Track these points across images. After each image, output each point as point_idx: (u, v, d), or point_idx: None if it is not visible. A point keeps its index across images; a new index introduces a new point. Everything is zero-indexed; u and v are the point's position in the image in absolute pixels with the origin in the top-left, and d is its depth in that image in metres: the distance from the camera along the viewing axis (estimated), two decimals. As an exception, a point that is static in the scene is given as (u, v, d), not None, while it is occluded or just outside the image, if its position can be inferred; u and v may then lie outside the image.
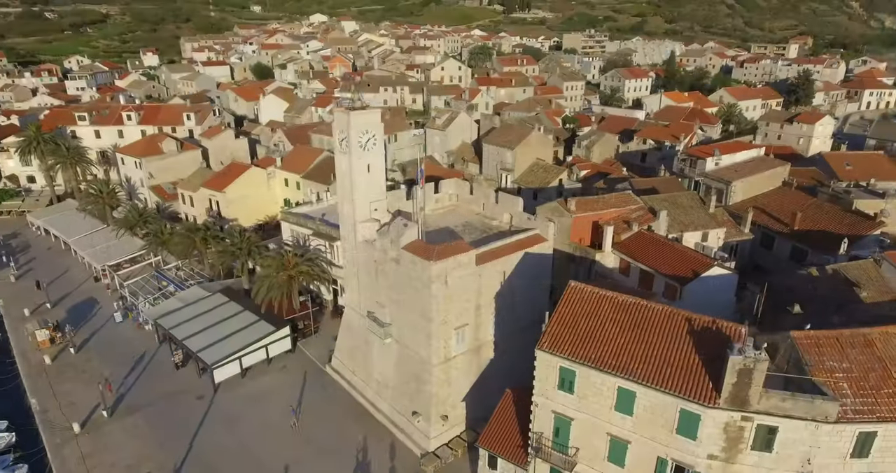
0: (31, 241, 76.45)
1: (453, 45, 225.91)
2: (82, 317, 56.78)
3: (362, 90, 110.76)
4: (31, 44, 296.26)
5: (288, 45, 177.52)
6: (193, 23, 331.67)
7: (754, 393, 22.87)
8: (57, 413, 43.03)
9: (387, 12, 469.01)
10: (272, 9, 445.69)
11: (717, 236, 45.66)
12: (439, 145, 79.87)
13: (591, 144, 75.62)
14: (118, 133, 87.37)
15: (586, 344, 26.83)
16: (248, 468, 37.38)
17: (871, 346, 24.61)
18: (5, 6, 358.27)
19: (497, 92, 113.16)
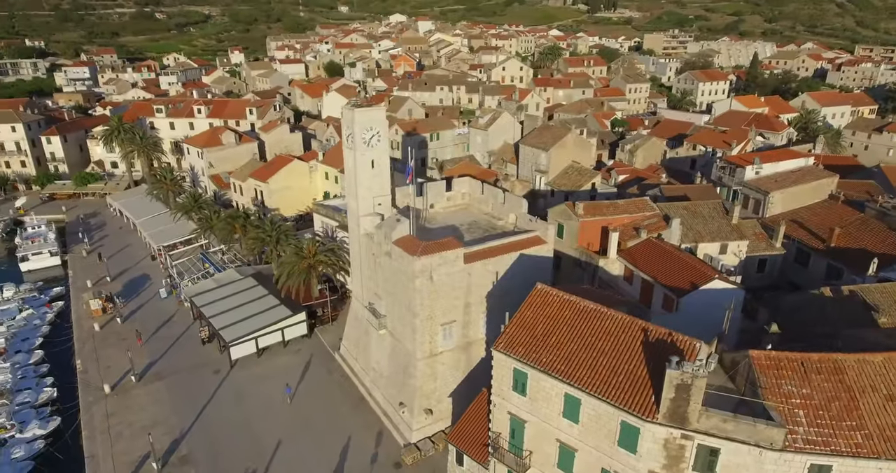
0: (107, 221, 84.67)
1: (526, 45, 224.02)
2: (134, 291, 62.43)
3: (419, 89, 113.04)
4: (140, 42, 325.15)
5: (361, 44, 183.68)
6: (283, 23, 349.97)
7: (693, 411, 21.91)
8: (95, 375, 47.84)
9: (468, 12, 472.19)
10: (358, 9, 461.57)
11: (737, 248, 43.12)
12: (481, 145, 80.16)
13: (634, 148, 73.07)
14: (189, 125, 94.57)
15: (539, 348, 26.65)
16: (244, 440, 39.91)
17: (840, 373, 22.75)
18: (121, 7, 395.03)
19: (554, 93, 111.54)
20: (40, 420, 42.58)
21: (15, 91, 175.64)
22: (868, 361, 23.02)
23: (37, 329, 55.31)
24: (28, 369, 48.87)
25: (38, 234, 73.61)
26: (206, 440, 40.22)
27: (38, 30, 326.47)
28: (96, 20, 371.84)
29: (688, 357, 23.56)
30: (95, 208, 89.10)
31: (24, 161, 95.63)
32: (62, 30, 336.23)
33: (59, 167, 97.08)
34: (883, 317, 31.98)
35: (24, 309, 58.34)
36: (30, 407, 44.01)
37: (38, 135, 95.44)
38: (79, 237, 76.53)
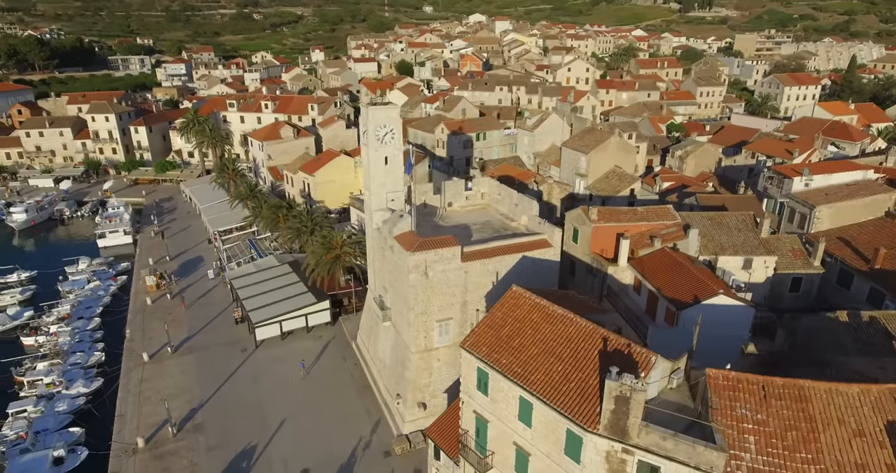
0: (178, 205, 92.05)
1: (604, 45, 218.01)
2: (187, 271, 67.65)
3: (479, 88, 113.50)
4: (238, 41, 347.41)
5: (434, 43, 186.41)
6: (367, 23, 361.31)
7: (633, 425, 21.23)
8: (139, 344, 52.56)
9: (554, 11, 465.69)
10: (443, 9, 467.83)
11: (763, 264, 40.40)
12: (528, 146, 79.51)
13: (685, 155, 69.68)
14: (257, 119, 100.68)
15: (502, 349, 26.66)
16: (253, 415, 42.53)
17: (804, 402, 21.15)
18: (223, 8, 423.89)
19: (618, 95, 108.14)
20: (86, 379, 47.46)
21: (121, 84, 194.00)
22: (840, 392, 21.25)
23: (99, 299, 61.37)
24: (85, 334, 54.45)
25: (116, 214, 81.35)
26: (220, 411, 43.22)
27: (150, 29, 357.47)
28: (201, 20, 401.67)
29: (641, 369, 22.85)
30: (170, 193, 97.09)
31: (115, 148, 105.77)
32: (171, 29, 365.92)
33: (144, 155, 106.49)
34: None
35: (93, 281, 64.92)
36: (79, 368, 49.11)
37: (128, 125, 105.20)
38: (150, 219, 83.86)
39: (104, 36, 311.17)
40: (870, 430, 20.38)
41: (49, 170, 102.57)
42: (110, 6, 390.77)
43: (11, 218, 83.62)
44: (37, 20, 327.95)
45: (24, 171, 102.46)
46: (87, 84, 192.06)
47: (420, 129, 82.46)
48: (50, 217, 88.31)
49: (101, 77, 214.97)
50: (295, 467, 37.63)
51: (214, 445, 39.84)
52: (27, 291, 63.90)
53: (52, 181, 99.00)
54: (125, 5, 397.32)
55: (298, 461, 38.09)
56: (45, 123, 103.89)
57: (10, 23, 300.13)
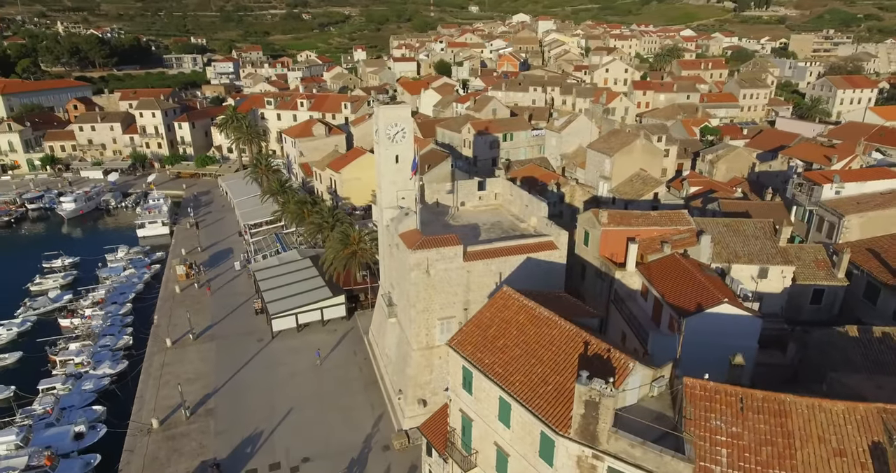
0: (215, 199, 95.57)
1: (650, 45, 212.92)
2: (216, 262, 70.27)
3: (513, 89, 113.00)
4: (286, 40, 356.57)
5: (473, 43, 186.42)
6: (412, 23, 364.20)
7: (602, 431, 20.98)
8: (164, 330, 54.99)
9: (602, 11, 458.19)
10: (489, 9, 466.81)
11: (780, 274, 38.86)
12: (555, 147, 78.72)
13: (716, 159, 67.48)
14: (293, 117, 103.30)
15: (486, 348, 26.74)
16: (262, 403, 43.92)
17: (783, 417, 20.37)
18: (274, 9, 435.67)
19: (655, 97, 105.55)
20: (112, 361, 50.10)
21: (174, 82, 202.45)
22: (824, 408, 20.39)
23: (133, 286, 64.52)
24: (116, 318, 57.41)
25: (155, 206, 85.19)
26: (231, 398, 44.84)
27: (205, 29, 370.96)
28: (252, 20, 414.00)
29: (618, 375, 22.57)
30: (209, 187, 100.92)
31: (160, 143, 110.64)
32: (224, 29, 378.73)
33: (187, 150, 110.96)
34: (919, 367, 27.58)
35: (128, 268, 68.29)
36: (108, 350, 51.84)
37: (172, 121, 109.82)
38: (188, 211, 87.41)
39: (161, 35, 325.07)
40: (852, 450, 19.51)
41: (99, 163, 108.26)
42: (168, 7, 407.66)
43: (61, 207, 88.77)
44: (100, 20, 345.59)
45: (76, 163, 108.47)
46: (142, 81, 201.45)
47: (448, 129, 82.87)
48: (97, 207, 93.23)
49: (156, 74, 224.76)
50: (296, 455, 38.69)
51: (223, 429, 41.40)
52: (69, 276, 67.79)
53: (102, 173, 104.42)
54: (182, 6, 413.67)
55: (300, 449, 39.16)
56: (97, 118, 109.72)
57: (75, 22, 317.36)
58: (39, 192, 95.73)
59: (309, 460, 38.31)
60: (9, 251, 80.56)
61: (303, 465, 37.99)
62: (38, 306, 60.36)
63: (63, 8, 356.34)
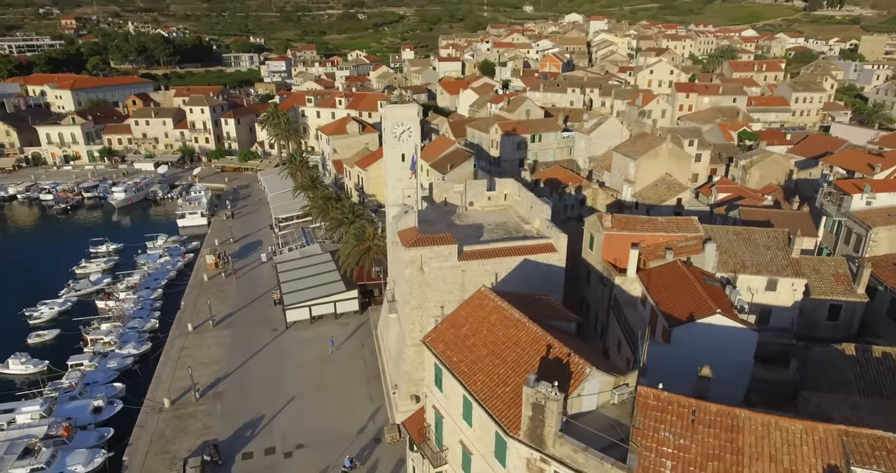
0: (253, 192, 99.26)
1: (706, 46, 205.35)
2: (245, 253, 73.07)
3: (551, 89, 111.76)
4: (341, 40, 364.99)
5: (520, 44, 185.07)
6: (464, 23, 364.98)
7: (549, 434, 20.84)
8: (188, 315, 57.79)
9: (661, 10, 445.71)
10: (544, 8, 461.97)
11: (791, 286, 37.03)
12: (584, 149, 77.47)
13: (749, 165, 64.61)
14: (331, 114, 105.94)
15: (456, 347, 26.92)
16: (267, 390, 45.57)
17: (735, 432, 19.59)
18: (332, 9, 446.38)
19: (699, 99, 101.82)
20: (137, 342, 53.16)
21: (230, 79, 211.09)
22: (780, 426, 19.50)
23: (166, 272, 68.06)
24: (147, 302, 60.76)
25: (196, 198, 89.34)
26: (240, 383, 46.75)
27: (265, 28, 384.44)
28: (310, 20, 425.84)
29: (573, 380, 22.36)
30: (249, 181, 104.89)
31: (208, 138, 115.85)
32: (282, 29, 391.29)
33: (232, 145, 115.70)
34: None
35: (164, 256, 72.04)
36: (135, 332, 55.00)
37: (220, 117, 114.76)
38: (226, 203, 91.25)
39: (223, 35, 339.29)
40: (804, 472, 18.63)
41: (151, 156, 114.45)
42: (232, 7, 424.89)
43: (113, 196, 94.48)
44: (168, 20, 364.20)
45: (131, 156, 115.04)
46: (201, 78, 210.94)
47: (477, 129, 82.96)
48: (145, 197, 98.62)
49: (215, 72, 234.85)
50: (291, 441, 40.02)
51: (228, 413, 43.25)
52: (111, 261, 72.21)
53: (153, 165, 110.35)
54: (245, 6, 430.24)
55: (296, 436, 40.46)
56: (151, 113, 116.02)
57: (145, 22, 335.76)
58: (95, 182, 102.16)
59: (302, 447, 39.53)
60: (63, 235, 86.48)
61: (296, 451, 39.24)
62: (79, 288, 64.64)
63: (135, 8, 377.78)
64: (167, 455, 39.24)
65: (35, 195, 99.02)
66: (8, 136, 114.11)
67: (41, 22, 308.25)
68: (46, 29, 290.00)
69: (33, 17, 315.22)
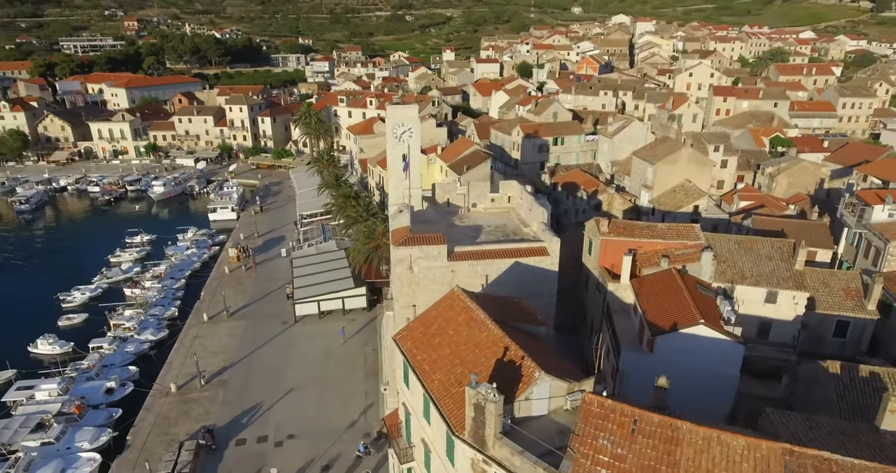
0: (283, 189, 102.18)
1: (757, 48, 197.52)
2: (267, 248, 75.44)
3: (583, 92, 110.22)
4: (388, 41, 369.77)
5: (560, 45, 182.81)
6: (510, 24, 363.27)
7: (489, 436, 20.86)
8: (206, 306, 60.20)
9: (717, 11, 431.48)
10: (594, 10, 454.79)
11: (792, 300, 35.45)
12: (607, 153, 76.12)
13: (776, 172, 61.91)
14: (362, 114, 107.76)
15: (423, 345, 27.18)
16: (269, 381, 47.05)
17: (674, 444, 19.07)
18: (380, 10, 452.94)
19: (737, 104, 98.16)
20: (156, 329, 55.78)
21: (275, 79, 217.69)
22: (721, 441, 18.86)
23: (191, 264, 71.05)
24: (170, 291, 63.63)
25: (228, 193, 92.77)
26: (244, 372, 48.46)
27: (314, 30, 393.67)
28: (358, 22, 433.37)
29: (521, 383, 22.32)
30: (281, 178, 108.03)
31: (245, 135, 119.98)
32: (331, 30, 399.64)
33: (268, 143, 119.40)
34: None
35: (191, 248, 75.17)
36: (155, 319, 57.73)
37: (257, 116, 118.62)
38: (255, 199, 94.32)
39: (274, 36, 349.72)
40: (742, 489, 18.02)
41: (192, 152, 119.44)
42: (285, 9, 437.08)
43: (152, 190, 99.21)
44: (224, 21, 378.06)
45: (174, 151, 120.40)
46: (249, 78, 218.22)
47: (501, 131, 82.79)
48: (183, 191, 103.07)
49: (263, 72, 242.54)
50: (284, 430, 41.26)
51: (229, 400, 44.92)
52: (143, 251, 75.93)
53: (193, 161, 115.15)
54: (297, 9, 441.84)
55: (289, 426, 41.68)
56: (193, 111, 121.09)
57: (201, 23, 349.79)
58: (138, 176, 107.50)
59: (293, 437, 40.67)
60: (104, 226, 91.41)
61: (287, 441, 40.41)
62: (111, 275, 68.33)
63: (194, 11, 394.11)
64: (167, 437, 41.12)
65: (83, 187, 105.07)
66: (63, 131, 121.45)
67: (106, 23, 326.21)
68: (110, 30, 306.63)
69: (99, 18, 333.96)
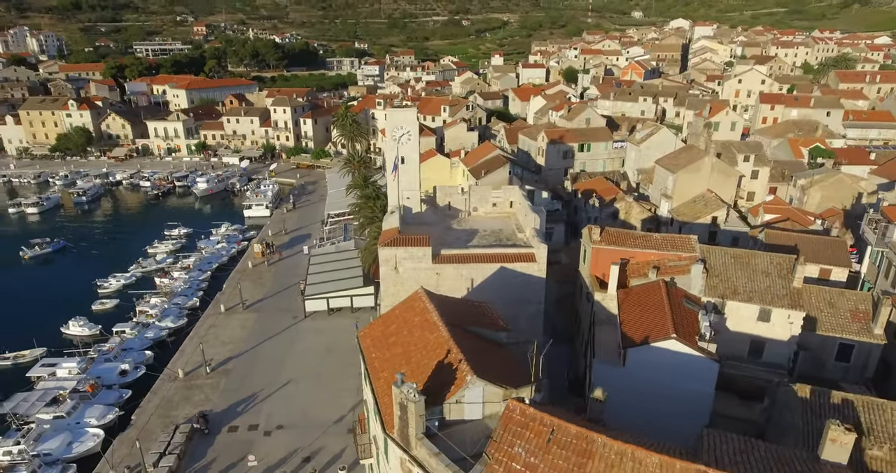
0: (318, 189, 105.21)
1: (824, 53, 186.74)
2: (293, 245, 77.90)
3: (622, 98, 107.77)
4: (442, 45, 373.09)
5: (609, 50, 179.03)
6: (566, 29, 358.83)
7: (412, 436, 21.06)
8: (224, 298, 62.89)
9: (788, 15, 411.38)
10: (655, 14, 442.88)
11: (786, 319, 33.52)
12: (634, 161, 74.14)
13: (809, 185, 58.45)
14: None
15: (380, 344, 27.62)
16: (269, 372, 48.72)
17: (587, 457, 18.57)
18: (437, 15, 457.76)
19: (785, 112, 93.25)
20: (176, 317, 58.79)
21: (328, 82, 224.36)
22: (635, 457, 18.24)
23: (219, 257, 74.38)
24: (195, 282, 66.88)
25: (263, 191, 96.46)
26: (248, 363, 50.37)
27: (372, 34, 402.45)
28: (416, 27, 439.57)
29: (453, 386, 22.40)
30: (317, 178, 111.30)
31: (288, 136, 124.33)
32: (388, 35, 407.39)
33: (308, 143, 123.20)
34: (875, 448, 22.84)
35: (222, 242, 78.69)
36: (178, 308, 60.84)
37: (300, 118, 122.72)
38: (289, 198, 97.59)
39: (332, 40, 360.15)
40: (649, 508, 17.45)
41: (238, 151, 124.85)
42: (344, 15, 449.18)
43: (196, 186, 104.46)
44: (287, 27, 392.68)
45: (221, 150, 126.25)
46: (303, 81, 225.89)
47: (528, 137, 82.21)
48: (224, 188, 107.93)
49: (317, 75, 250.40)
50: (274, 421, 42.66)
51: (229, 388, 46.85)
52: (178, 244, 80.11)
53: (238, 159, 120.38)
54: (356, 14, 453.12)
55: (280, 417, 43.03)
56: (241, 112, 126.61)
57: (264, 29, 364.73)
58: (186, 172, 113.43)
59: (282, 428, 41.97)
60: (149, 218, 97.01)
61: (275, 431, 41.74)
62: (145, 265, 72.51)
63: (259, 16, 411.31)
64: (167, 419, 43.34)
65: (136, 181, 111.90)
66: (123, 129, 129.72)
67: (177, 28, 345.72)
68: (181, 35, 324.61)
69: (172, 24, 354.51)
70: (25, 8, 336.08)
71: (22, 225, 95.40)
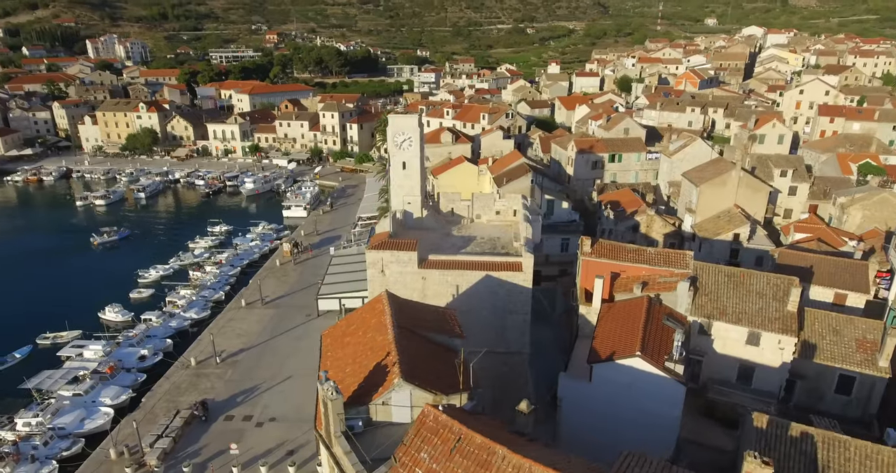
0: (357, 192, 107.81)
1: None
2: (322, 245, 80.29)
3: (669, 108, 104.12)
4: (506, 54, 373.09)
5: (669, 59, 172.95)
6: (633, 37, 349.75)
7: (332, 433, 21.45)
8: (248, 293, 65.71)
9: (881, 23, 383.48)
10: (731, 21, 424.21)
11: (776, 344, 31.35)
12: (667, 173, 71.41)
13: (849, 203, 54.19)
14: (439, 124, 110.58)
15: (337, 343, 28.19)
16: (273, 366, 50.53)
17: (486, 469, 18.07)
18: (502, 23, 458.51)
19: (846, 124, 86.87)
20: (200, 309, 62.03)
21: (385, 89, 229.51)
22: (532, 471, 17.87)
23: (251, 254, 77.84)
24: (224, 277, 70.29)
25: (302, 193, 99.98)
26: (256, 356, 52.43)
27: (437, 42, 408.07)
28: (480, 35, 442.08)
29: (381, 388, 22.64)
30: (358, 181, 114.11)
31: (335, 140, 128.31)
32: (452, 43, 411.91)
33: (354, 148, 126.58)
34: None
35: (255, 240, 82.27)
36: (204, 300, 64.16)
37: (347, 122, 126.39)
38: (327, 200, 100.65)
39: (395, 48, 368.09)
40: (536, 525, 17.02)
41: (287, 153, 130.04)
42: (411, 23, 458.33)
43: (244, 186, 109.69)
44: (354, 35, 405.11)
45: (273, 153, 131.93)
46: (363, 87, 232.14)
47: (560, 146, 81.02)
48: (270, 189, 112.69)
49: (377, 82, 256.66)
50: (267, 413, 44.27)
51: (233, 379, 49.00)
52: (217, 240, 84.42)
53: (286, 161, 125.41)
54: (422, 22, 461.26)
55: (274, 409, 44.61)
56: (292, 116, 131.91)
57: (331, 36, 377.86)
58: (237, 173, 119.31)
59: (274, 420, 43.48)
60: (198, 214, 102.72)
61: (267, 423, 43.30)
62: (184, 259, 76.91)
63: (329, 25, 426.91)
64: (172, 404, 45.84)
65: (192, 180, 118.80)
66: (186, 131, 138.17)
67: (251, 37, 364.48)
68: (254, 43, 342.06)
69: (247, 32, 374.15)
70: (118, 17, 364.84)
71: (90, 215, 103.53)
